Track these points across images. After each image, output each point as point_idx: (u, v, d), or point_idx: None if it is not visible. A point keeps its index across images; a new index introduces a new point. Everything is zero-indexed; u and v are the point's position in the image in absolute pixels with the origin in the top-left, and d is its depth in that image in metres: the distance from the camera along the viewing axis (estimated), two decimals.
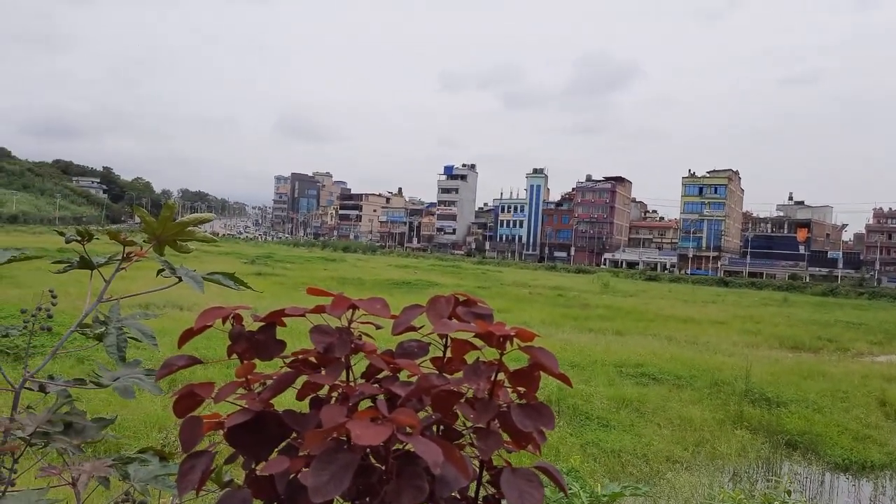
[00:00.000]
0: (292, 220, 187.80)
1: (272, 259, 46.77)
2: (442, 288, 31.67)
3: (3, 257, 1.61)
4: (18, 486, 1.61)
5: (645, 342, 18.99)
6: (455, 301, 0.99)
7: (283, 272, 35.95)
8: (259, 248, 70.53)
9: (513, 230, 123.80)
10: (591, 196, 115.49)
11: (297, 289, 26.31)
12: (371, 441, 0.73)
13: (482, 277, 48.18)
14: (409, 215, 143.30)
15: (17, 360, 8.91)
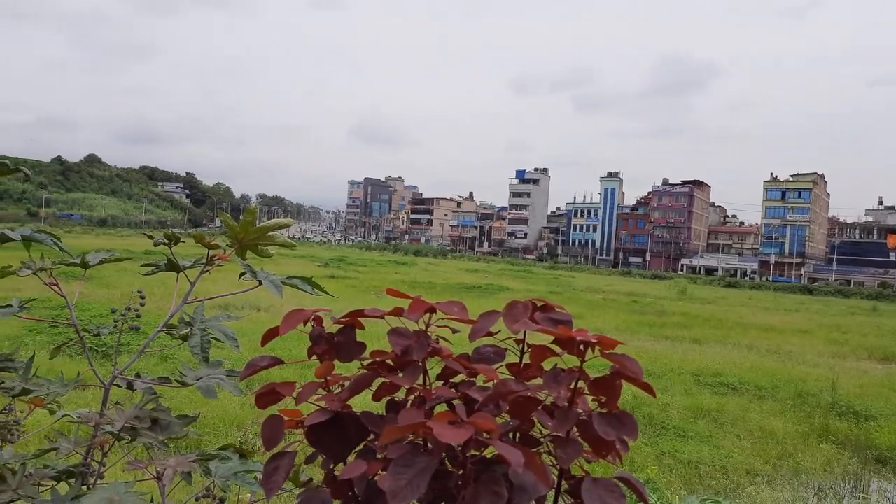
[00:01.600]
0: (365, 224, 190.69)
1: (345, 262, 47.55)
2: (513, 293, 31.51)
3: (96, 259, 1.69)
4: (107, 479, 1.68)
5: (724, 351, 18.40)
6: (532, 306, 0.97)
7: (355, 275, 36.51)
8: (332, 252, 71.87)
9: (586, 235, 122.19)
10: (667, 200, 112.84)
11: (368, 292, 26.66)
12: (452, 440, 0.72)
13: (554, 282, 47.69)
14: (480, 219, 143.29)
15: (106, 357, 9.34)
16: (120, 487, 1.32)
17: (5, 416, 1.81)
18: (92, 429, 1.59)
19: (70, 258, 1.65)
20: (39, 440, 4.73)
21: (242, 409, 8.46)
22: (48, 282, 1.59)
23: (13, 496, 1.42)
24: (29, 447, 4.01)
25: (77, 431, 1.64)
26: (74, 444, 1.55)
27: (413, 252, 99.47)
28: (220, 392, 1.67)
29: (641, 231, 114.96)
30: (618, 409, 0.94)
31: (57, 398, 1.76)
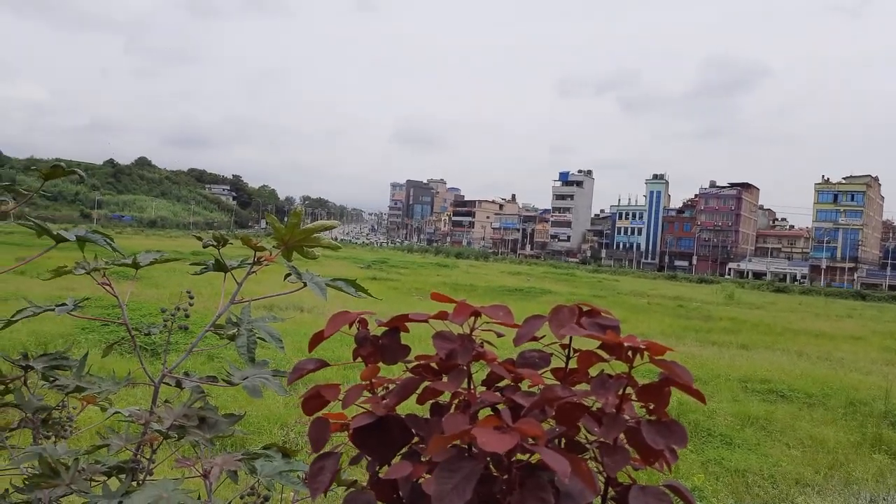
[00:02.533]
0: (407, 227, 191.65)
1: (387, 264, 47.81)
2: (555, 296, 31.30)
3: (146, 260, 1.73)
4: (156, 476, 1.72)
5: (772, 357, 17.97)
6: (579, 311, 0.96)
7: (397, 277, 36.69)
8: (375, 254, 72.35)
9: (630, 238, 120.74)
10: (715, 203, 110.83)
11: (410, 294, 26.76)
12: (497, 448, 0.72)
13: (597, 286, 47.21)
14: (523, 222, 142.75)
15: (155, 355, 9.55)
16: (168, 484, 1.35)
17: (59, 413, 1.86)
18: (141, 426, 1.63)
19: (122, 258, 1.69)
20: (91, 436, 4.86)
21: (286, 408, 8.56)
22: (101, 281, 1.63)
23: (67, 490, 1.46)
24: (81, 443, 4.13)
25: (128, 429, 1.68)
26: (125, 441, 1.59)
27: (455, 254, 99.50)
28: (264, 391, 1.69)
29: (687, 234, 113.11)
30: (666, 416, 0.92)
31: (108, 396, 1.81)
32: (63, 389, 1.72)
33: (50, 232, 1.53)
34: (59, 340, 10.46)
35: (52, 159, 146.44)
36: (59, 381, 1.72)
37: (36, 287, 14.21)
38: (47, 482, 1.45)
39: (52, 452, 1.53)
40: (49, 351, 1.85)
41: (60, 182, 1.53)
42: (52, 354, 1.75)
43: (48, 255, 1.70)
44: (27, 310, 1.56)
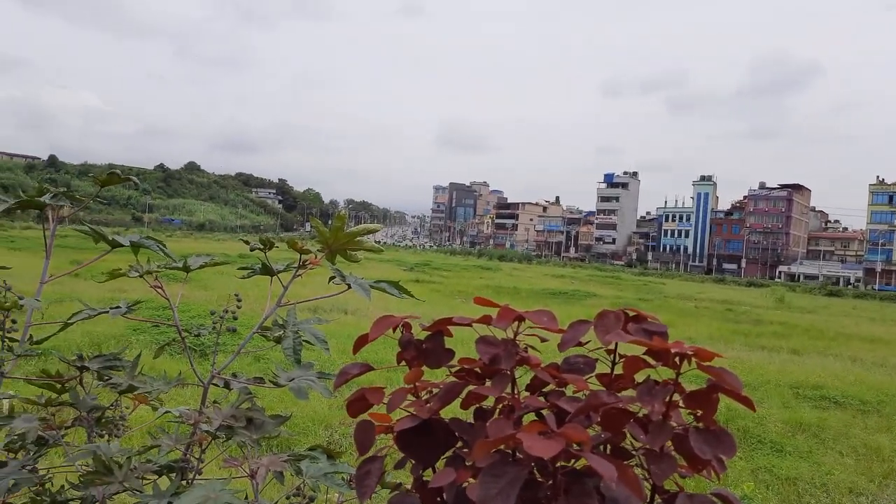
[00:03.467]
0: (449, 229, 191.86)
1: (429, 267, 47.91)
2: (600, 299, 30.95)
3: (196, 263, 1.76)
4: (205, 475, 1.75)
5: (825, 362, 17.47)
6: (625, 317, 0.95)
7: (439, 280, 36.73)
8: (417, 256, 72.57)
9: (677, 240, 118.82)
10: (764, 204, 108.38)
11: (452, 296, 26.75)
12: (542, 453, 0.71)
13: (643, 289, 46.53)
14: (567, 224, 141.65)
15: (203, 356, 9.74)
16: (216, 485, 1.37)
17: (112, 412, 1.91)
18: (191, 426, 1.66)
19: (173, 262, 1.73)
20: (141, 435, 4.98)
21: (330, 409, 8.64)
22: (153, 284, 1.67)
23: (119, 488, 1.50)
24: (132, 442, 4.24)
25: (178, 429, 1.72)
26: (175, 441, 1.63)
27: (498, 257, 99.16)
28: (308, 393, 1.71)
29: (736, 237, 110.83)
30: (715, 424, 0.90)
31: (159, 395, 1.85)
32: (116, 389, 1.77)
33: (105, 237, 1.58)
34: (111, 341, 10.75)
35: (106, 165, 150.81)
36: (112, 380, 1.76)
37: (90, 289, 14.64)
38: (101, 480, 1.49)
39: (105, 451, 1.57)
40: (103, 351, 1.90)
41: (114, 187, 1.58)
42: (107, 355, 1.80)
43: (103, 257, 1.75)
44: (83, 312, 1.61)
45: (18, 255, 27.50)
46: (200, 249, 37.82)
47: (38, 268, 1.62)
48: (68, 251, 24.83)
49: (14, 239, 37.46)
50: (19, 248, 31.40)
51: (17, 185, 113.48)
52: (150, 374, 1.89)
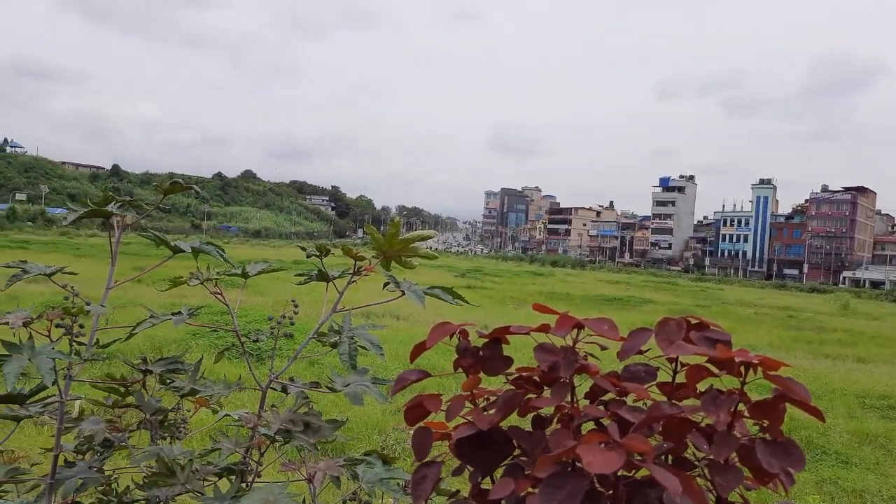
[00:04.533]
0: (501, 235, 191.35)
1: (481, 273, 47.79)
2: (656, 305, 30.41)
3: (255, 270, 1.80)
4: (263, 478, 1.78)
5: (892, 371, 16.80)
6: (687, 324, 0.93)
7: (491, 286, 36.62)
8: (469, 262, 72.52)
9: (736, 245, 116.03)
10: (827, 208, 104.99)
11: (504, 303, 26.65)
12: (604, 469, 0.70)
13: (701, 295, 45.51)
14: (621, 229, 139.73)
15: (259, 360, 9.92)
16: (275, 488, 1.39)
17: (175, 414, 1.95)
18: (249, 429, 1.69)
19: (232, 268, 1.77)
20: (200, 438, 5.09)
21: (383, 415, 8.70)
22: (213, 290, 1.71)
23: (182, 489, 1.53)
24: (192, 444, 4.34)
25: (238, 432, 1.75)
26: (235, 444, 1.66)
27: (550, 262, 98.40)
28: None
29: (798, 241, 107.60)
30: (781, 435, 0.87)
31: (220, 399, 1.89)
32: (179, 392, 1.81)
33: (168, 244, 1.62)
34: (171, 345, 11.05)
35: (166, 174, 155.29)
36: (175, 384, 1.81)
37: (151, 294, 15.06)
38: (164, 481, 1.53)
39: (168, 453, 1.61)
40: (164, 355, 1.95)
41: (174, 195, 1.63)
42: (169, 359, 1.85)
43: (164, 263, 1.80)
44: (147, 321, 1.65)
45: (84, 261, 28.54)
46: (256, 256, 38.60)
47: (102, 274, 1.67)
48: (131, 257, 25.67)
49: (80, 246, 38.88)
50: (84, 254, 32.57)
51: (82, 194, 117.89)
52: (210, 377, 1.93)
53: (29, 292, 15.04)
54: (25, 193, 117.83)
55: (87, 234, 56.63)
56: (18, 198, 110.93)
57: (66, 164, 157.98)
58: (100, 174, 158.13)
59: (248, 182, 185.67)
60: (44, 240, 46.37)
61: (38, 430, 5.90)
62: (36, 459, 1.94)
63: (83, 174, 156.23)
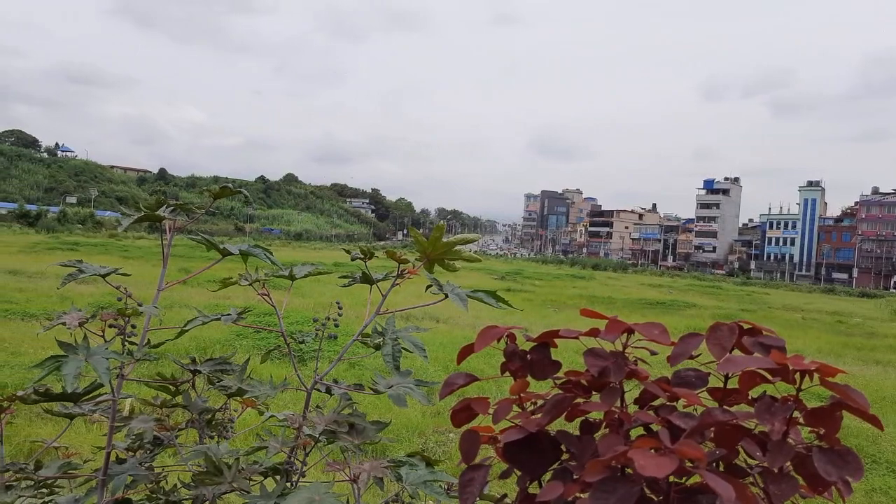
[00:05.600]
0: (541, 237, 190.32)
1: (521, 275, 47.48)
2: (700, 309, 29.89)
3: (301, 272, 1.82)
4: (308, 478, 1.80)
5: None
6: (739, 330, 0.91)
7: (531, 289, 36.39)
8: (508, 265, 72.15)
9: (782, 248, 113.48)
10: (878, 211, 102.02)
11: (545, 305, 26.46)
12: (656, 473, 0.69)
13: (746, 299, 44.55)
14: (664, 232, 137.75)
15: (302, 362, 10.04)
16: (320, 487, 1.40)
17: (222, 414, 1.99)
18: (294, 430, 1.71)
19: (279, 271, 1.80)
20: (245, 437, 5.17)
21: (423, 417, 8.71)
22: (261, 292, 1.74)
23: (229, 488, 1.56)
24: (237, 444, 4.41)
25: (284, 432, 1.77)
26: (281, 444, 1.68)
27: (591, 266, 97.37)
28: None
29: (847, 245, 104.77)
30: (838, 443, 0.85)
31: (265, 399, 1.92)
32: (226, 392, 1.85)
33: (217, 247, 1.65)
34: (217, 346, 11.23)
35: (210, 177, 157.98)
36: (223, 383, 1.84)
37: (196, 295, 15.37)
38: (212, 480, 1.55)
39: (215, 452, 1.64)
40: (208, 355, 1.99)
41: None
42: (217, 359, 1.89)
43: (209, 264, 1.84)
44: (197, 319, 1.68)
45: (132, 262, 29.20)
46: (298, 258, 38.99)
47: (150, 275, 1.71)
48: (177, 259, 26.18)
49: (128, 248, 39.81)
50: (132, 256, 33.33)
51: (130, 197, 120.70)
52: (256, 378, 1.96)
53: (79, 293, 15.46)
54: (76, 196, 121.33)
55: (134, 236, 57.96)
56: (69, 201, 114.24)
57: (115, 168, 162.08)
58: (147, 178, 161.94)
59: (290, 185, 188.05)
60: (93, 242, 47.60)
61: (87, 427, 6.06)
62: (87, 456, 2.00)
63: (131, 178, 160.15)
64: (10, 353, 9.69)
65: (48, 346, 9.02)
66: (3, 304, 13.85)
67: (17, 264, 24.46)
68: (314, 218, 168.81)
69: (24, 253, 31.77)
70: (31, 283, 19.00)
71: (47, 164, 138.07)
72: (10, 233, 57.66)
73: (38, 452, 1.79)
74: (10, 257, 28.22)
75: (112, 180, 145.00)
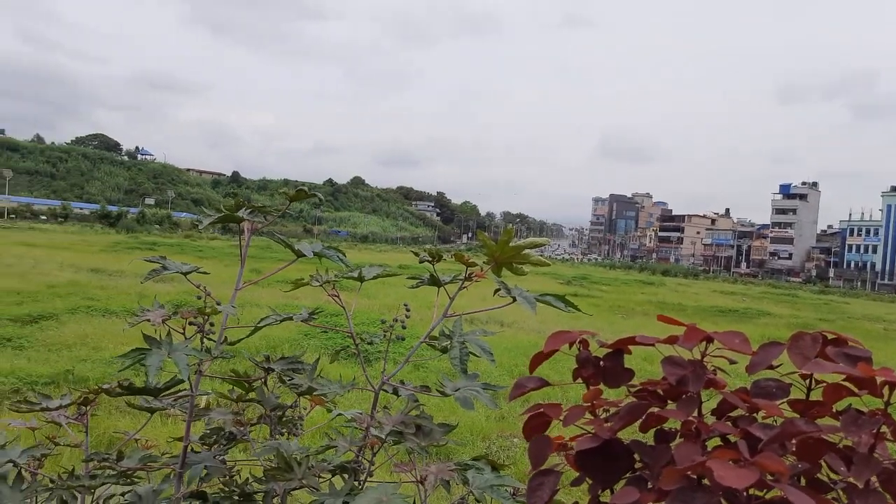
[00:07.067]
0: (609, 242, 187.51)
1: (587, 280, 46.77)
2: (775, 318, 28.88)
3: (370, 273, 1.85)
4: (375, 478, 1.82)
5: None
6: (823, 339, 0.88)
7: (598, 294, 35.82)
8: (575, 269, 71.23)
9: (863, 256, 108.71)
10: None
11: (612, 311, 26.01)
12: (736, 484, 0.67)
13: (824, 308, 42.75)
14: (738, 238, 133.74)
15: (367, 363, 10.17)
16: (388, 488, 1.42)
17: (292, 412, 2.03)
18: (361, 429, 1.74)
19: (349, 272, 1.83)
20: (312, 436, 5.27)
21: (487, 420, 8.68)
22: (331, 293, 1.77)
23: (298, 485, 1.59)
24: (304, 441, 4.50)
25: (352, 432, 1.80)
26: (349, 443, 1.71)
27: (661, 271, 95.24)
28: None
29: None
30: None
31: (334, 398, 1.95)
32: (297, 390, 1.89)
33: (292, 247, 1.70)
34: (285, 344, 11.48)
35: (281, 180, 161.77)
36: (294, 381, 1.88)
37: (266, 295, 15.73)
38: (283, 476, 1.59)
39: (286, 448, 1.68)
40: (277, 354, 2.03)
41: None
42: (289, 358, 1.93)
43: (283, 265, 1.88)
44: (270, 318, 1.73)
45: (207, 262, 30.13)
46: (364, 260, 39.51)
47: (223, 275, 1.76)
48: (248, 260, 26.86)
49: (202, 248, 41.09)
50: (206, 256, 34.38)
51: (205, 199, 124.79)
52: (325, 377, 1.99)
53: (156, 290, 16.06)
54: (154, 198, 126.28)
55: (208, 237, 59.84)
56: (148, 202, 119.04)
57: (191, 171, 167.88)
58: (220, 180, 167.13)
59: (357, 188, 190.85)
60: (170, 242, 49.32)
61: (163, 420, 6.28)
62: (164, 448, 2.07)
63: (206, 180, 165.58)
64: (91, 349, 10.14)
65: (128, 342, 9.41)
66: (86, 301, 14.51)
67: (99, 263, 25.59)
68: (380, 220, 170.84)
69: (105, 252, 33.18)
70: (111, 280, 19.84)
71: (128, 166, 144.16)
72: (92, 232, 60.35)
73: (121, 444, 1.86)
74: (92, 256, 29.53)
75: (188, 183, 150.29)
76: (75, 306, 13.72)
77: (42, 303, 14.10)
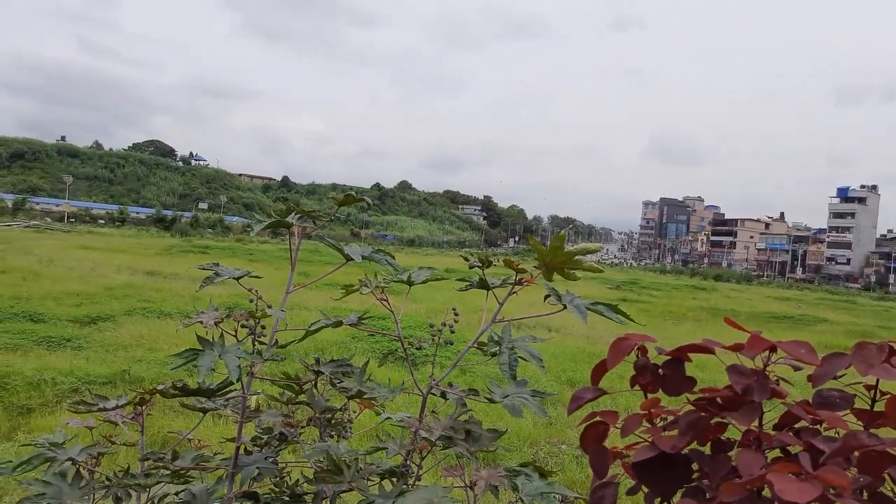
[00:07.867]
0: (659, 247, 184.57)
1: (637, 285, 46.06)
2: (832, 325, 28.04)
3: (420, 277, 1.85)
4: (423, 482, 1.82)
5: None
6: (889, 349, 0.84)
7: (648, 299, 35.25)
8: (624, 274, 70.26)
9: None
10: None
11: (663, 318, 25.58)
12: (797, 499, 0.65)
13: (884, 316, 41.29)
14: (793, 242, 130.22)
15: (414, 366, 10.20)
16: (438, 491, 1.42)
17: (341, 414, 2.05)
18: (410, 433, 1.74)
19: (398, 276, 1.83)
20: (360, 438, 5.30)
21: (535, 427, 8.62)
22: (380, 297, 1.78)
23: (348, 487, 1.60)
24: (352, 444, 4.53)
25: (402, 435, 1.81)
26: (399, 447, 1.71)
27: (713, 277, 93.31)
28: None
29: None
30: None
31: (383, 402, 1.96)
32: (346, 393, 1.90)
33: (343, 251, 1.71)
34: (332, 347, 11.59)
35: (329, 184, 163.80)
36: (343, 384, 1.90)
37: (314, 298, 15.92)
38: (332, 478, 1.60)
39: (336, 451, 1.69)
40: (326, 356, 2.05)
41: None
42: (338, 361, 1.95)
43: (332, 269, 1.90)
44: (321, 322, 1.75)
45: (257, 266, 30.67)
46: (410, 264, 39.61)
47: (273, 278, 1.79)
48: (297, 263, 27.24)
49: (252, 252, 41.83)
50: (257, 259, 34.99)
51: (256, 204, 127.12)
52: (373, 380, 2.00)
53: (210, 293, 16.40)
54: (207, 203, 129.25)
55: (258, 240, 60.90)
56: (201, 206, 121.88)
57: (242, 176, 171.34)
58: (271, 185, 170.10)
59: (404, 192, 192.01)
60: (221, 245, 50.33)
61: (214, 421, 6.40)
62: (216, 449, 2.11)
63: (256, 185, 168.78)
64: (146, 349, 10.41)
65: (182, 343, 9.63)
66: (142, 303, 14.90)
67: (154, 265, 26.27)
68: (427, 224, 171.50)
69: (160, 255, 34.04)
70: (166, 283, 20.34)
71: (182, 171, 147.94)
72: (148, 236, 62.03)
73: (175, 443, 1.90)
74: (148, 259, 30.33)
75: (239, 187, 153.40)
76: (131, 308, 14.11)
77: (100, 304, 14.54)
